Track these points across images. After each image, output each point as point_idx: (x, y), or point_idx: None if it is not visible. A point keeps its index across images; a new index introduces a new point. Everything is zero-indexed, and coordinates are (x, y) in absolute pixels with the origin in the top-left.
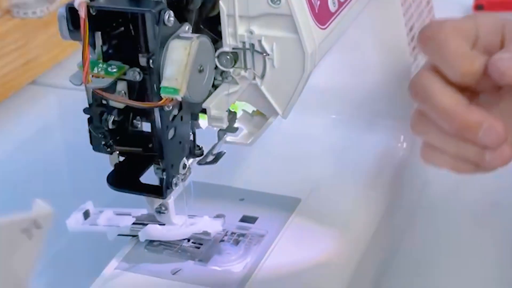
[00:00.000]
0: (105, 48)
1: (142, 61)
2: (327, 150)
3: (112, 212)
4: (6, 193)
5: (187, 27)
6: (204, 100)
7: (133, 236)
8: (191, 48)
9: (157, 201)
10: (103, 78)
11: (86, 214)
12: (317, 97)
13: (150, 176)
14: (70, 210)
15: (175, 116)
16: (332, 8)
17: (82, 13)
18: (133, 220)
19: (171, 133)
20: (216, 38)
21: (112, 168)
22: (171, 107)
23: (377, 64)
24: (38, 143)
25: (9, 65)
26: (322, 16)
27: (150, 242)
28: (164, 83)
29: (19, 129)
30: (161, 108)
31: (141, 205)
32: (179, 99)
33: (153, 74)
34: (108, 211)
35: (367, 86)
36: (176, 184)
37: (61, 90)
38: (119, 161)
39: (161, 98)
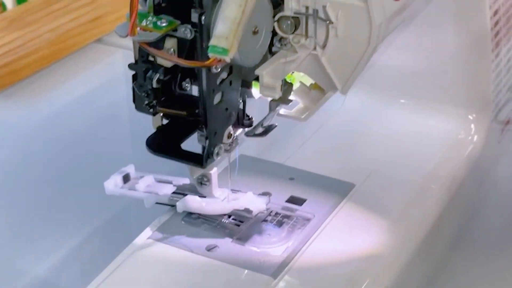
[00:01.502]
0: (157, 0)
1: (194, 16)
2: (390, 135)
3: (153, 178)
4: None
5: None
6: (258, 66)
7: (171, 205)
8: (246, 6)
9: (200, 171)
10: (150, 32)
11: (126, 178)
12: (386, 78)
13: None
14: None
15: (223, 80)
16: None
17: None
18: (174, 189)
19: (217, 97)
20: (279, 1)
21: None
22: (219, 69)
23: (455, 49)
24: (98, 100)
25: (75, 21)
26: None
27: (189, 214)
28: (213, 42)
29: (80, 86)
30: (208, 69)
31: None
32: (228, 60)
33: (203, 31)
34: (149, 177)
35: (441, 71)
36: (218, 154)
37: (127, 51)
38: (162, 124)
39: (209, 59)
